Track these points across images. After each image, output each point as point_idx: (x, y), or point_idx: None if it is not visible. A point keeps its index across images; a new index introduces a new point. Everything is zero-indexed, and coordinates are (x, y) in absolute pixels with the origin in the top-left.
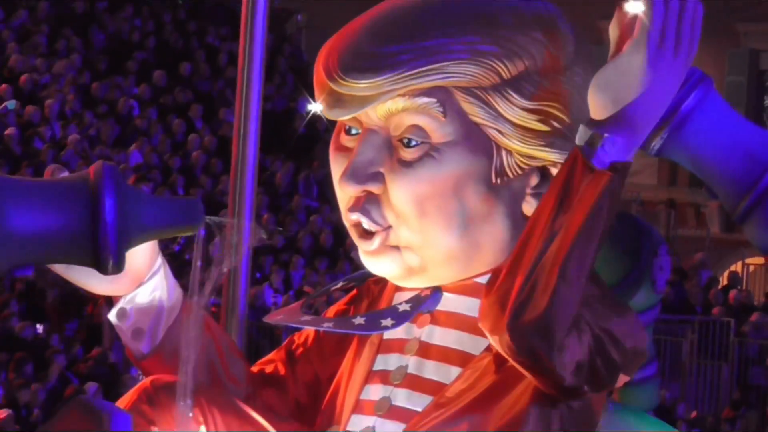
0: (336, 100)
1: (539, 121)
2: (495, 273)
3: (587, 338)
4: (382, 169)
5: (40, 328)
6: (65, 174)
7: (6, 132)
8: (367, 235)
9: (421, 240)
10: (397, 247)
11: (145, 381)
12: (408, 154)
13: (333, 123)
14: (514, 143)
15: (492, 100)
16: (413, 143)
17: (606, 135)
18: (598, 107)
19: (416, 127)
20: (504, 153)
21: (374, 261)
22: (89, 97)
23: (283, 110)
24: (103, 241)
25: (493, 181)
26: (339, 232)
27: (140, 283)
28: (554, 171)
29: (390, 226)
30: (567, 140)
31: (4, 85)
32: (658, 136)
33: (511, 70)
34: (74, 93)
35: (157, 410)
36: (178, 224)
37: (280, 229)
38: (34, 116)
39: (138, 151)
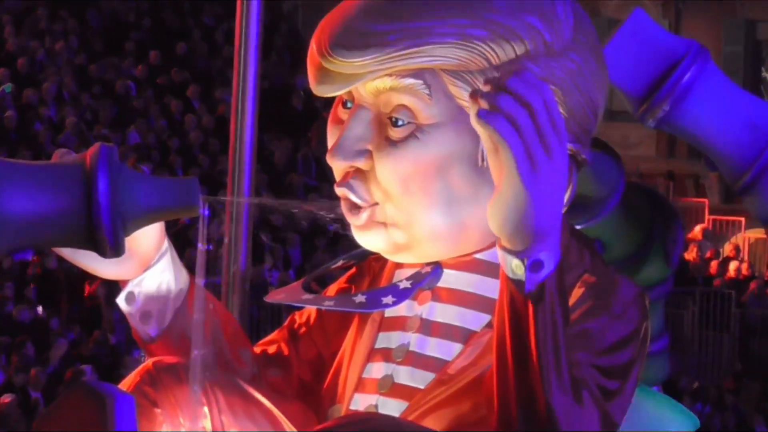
0: (323, 76)
1: None
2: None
3: (593, 380)
4: (369, 146)
5: (40, 310)
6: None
7: (5, 115)
8: (356, 209)
9: (405, 218)
10: (383, 223)
11: (147, 363)
12: (395, 133)
13: (330, 101)
14: None
15: (479, 84)
16: (400, 123)
17: (525, 259)
18: (506, 239)
19: (403, 107)
20: None
21: (362, 235)
22: (86, 78)
23: (280, 88)
24: (97, 222)
25: (480, 163)
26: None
27: (148, 266)
28: None
29: (376, 203)
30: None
31: (1, 69)
32: (659, 110)
33: (500, 55)
34: (71, 74)
35: (160, 392)
36: (175, 204)
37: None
38: (32, 98)
39: (136, 131)
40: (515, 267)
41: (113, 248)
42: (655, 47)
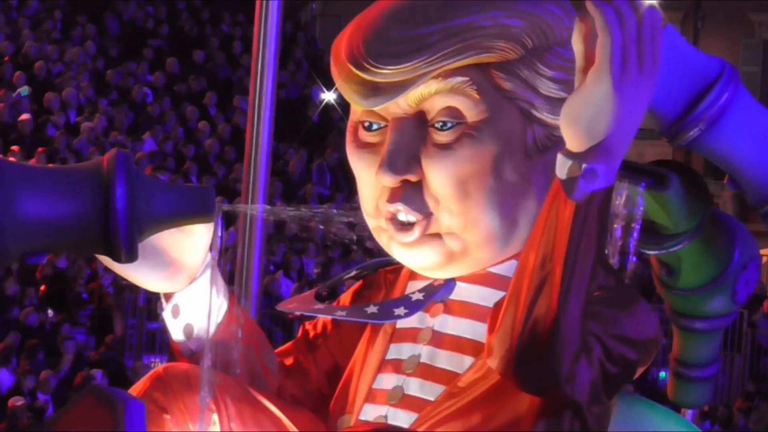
0: (372, 90)
1: (563, 91)
2: (496, 307)
3: (597, 355)
4: (418, 157)
5: (51, 314)
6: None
7: (20, 118)
8: (407, 226)
9: (462, 223)
10: (437, 235)
11: (158, 368)
12: (444, 137)
13: (347, 112)
14: (545, 115)
15: (521, 73)
16: (448, 125)
17: (584, 166)
18: (572, 140)
19: (451, 109)
20: (535, 127)
21: (413, 252)
22: (103, 84)
23: (297, 98)
24: (114, 228)
25: (528, 156)
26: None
27: (193, 279)
28: None
29: (431, 214)
30: None
31: (18, 72)
32: (693, 131)
33: (535, 41)
34: (88, 80)
35: (169, 398)
36: (190, 212)
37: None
38: (48, 103)
39: (152, 138)
40: (570, 169)
41: (128, 254)
42: (687, 65)
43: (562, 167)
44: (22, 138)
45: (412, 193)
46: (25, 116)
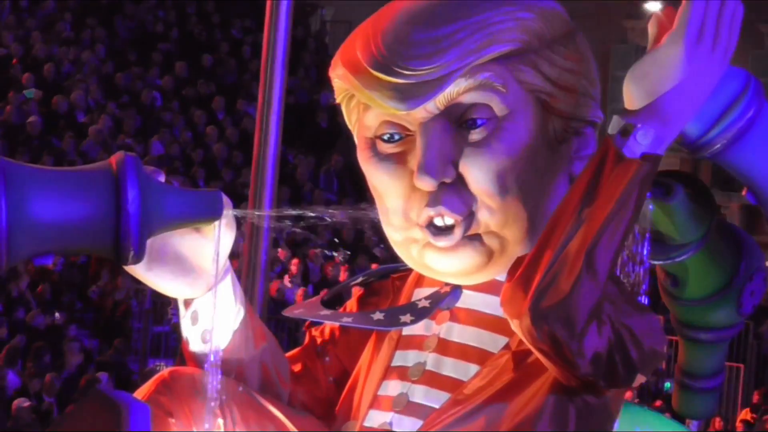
0: (406, 92)
1: (575, 80)
2: (518, 259)
3: (607, 331)
4: (453, 157)
5: (58, 316)
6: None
7: (29, 120)
8: (444, 231)
9: (502, 219)
10: (476, 235)
11: (163, 372)
12: (478, 134)
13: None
14: (562, 106)
15: (540, 64)
16: (480, 122)
17: (639, 125)
18: (633, 98)
19: (480, 106)
20: (554, 118)
21: (453, 256)
22: (112, 87)
23: (305, 104)
24: (125, 231)
25: (550, 147)
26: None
27: (214, 285)
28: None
29: (470, 214)
30: (596, 101)
31: (27, 74)
32: (719, 143)
33: (546, 33)
34: (97, 83)
35: (175, 402)
36: (199, 215)
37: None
38: (57, 105)
39: (160, 142)
40: (624, 128)
41: (137, 257)
42: None
43: (615, 124)
44: (29, 140)
45: (450, 194)
46: (33, 119)
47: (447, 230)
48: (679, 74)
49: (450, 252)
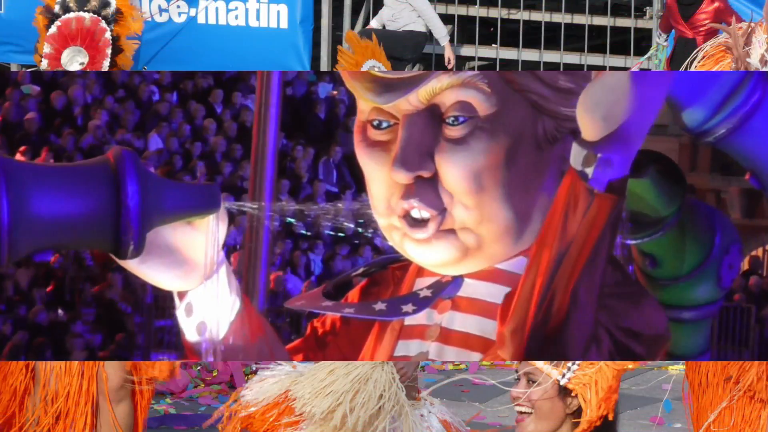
0: (384, 86)
1: (570, 81)
2: (508, 298)
3: (606, 345)
4: (431, 152)
5: (61, 312)
6: None
7: (27, 117)
8: (419, 223)
9: (477, 216)
10: (451, 230)
11: None
12: (456, 132)
13: (353, 109)
14: (552, 106)
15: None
16: (461, 120)
17: (600, 155)
18: (588, 127)
19: (462, 103)
20: (545, 119)
21: (427, 249)
22: (109, 82)
23: (303, 95)
24: (125, 226)
25: (539, 148)
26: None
27: (208, 277)
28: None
29: (445, 209)
30: None
31: (23, 70)
32: (724, 127)
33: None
34: (94, 77)
35: None
36: (198, 209)
37: None
38: (54, 101)
39: (158, 135)
40: (586, 159)
41: (136, 251)
42: None
43: (577, 157)
44: (28, 136)
45: (425, 189)
46: (31, 115)
47: (422, 223)
48: (631, 97)
49: (425, 244)
